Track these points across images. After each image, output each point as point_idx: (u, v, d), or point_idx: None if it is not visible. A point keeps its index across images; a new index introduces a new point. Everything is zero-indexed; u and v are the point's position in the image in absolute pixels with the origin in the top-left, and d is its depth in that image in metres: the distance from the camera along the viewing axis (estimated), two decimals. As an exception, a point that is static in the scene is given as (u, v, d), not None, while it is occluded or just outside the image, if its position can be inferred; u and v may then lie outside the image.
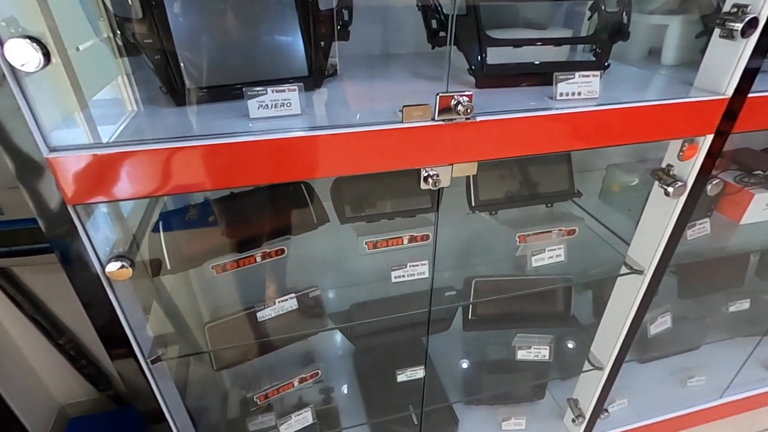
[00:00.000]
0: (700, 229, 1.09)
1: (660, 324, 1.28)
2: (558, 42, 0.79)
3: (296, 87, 0.64)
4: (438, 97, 0.62)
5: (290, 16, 0.72)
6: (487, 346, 1.42)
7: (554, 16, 0.95)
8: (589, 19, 0.83)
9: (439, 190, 1.06)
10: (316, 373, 1.15)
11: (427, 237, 1.06)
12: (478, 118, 0.65)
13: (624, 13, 0.82)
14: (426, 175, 0.68)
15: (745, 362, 1.44)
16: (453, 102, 0.62)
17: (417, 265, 0.94)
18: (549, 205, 1.18)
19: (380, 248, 1.04)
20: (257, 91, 0.62)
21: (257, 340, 1.00)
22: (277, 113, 0.64)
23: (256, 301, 0.97)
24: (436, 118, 0.63)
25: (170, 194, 0.60)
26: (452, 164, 0.68)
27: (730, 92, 0.74)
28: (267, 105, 0.63)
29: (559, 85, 0.71)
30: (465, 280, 1.12)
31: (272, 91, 0.63)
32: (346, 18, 0.77)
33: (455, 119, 0.63)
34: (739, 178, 1.17)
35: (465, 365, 1.40)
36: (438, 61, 0.97)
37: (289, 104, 0.64)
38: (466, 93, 0.62)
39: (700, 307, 1.42)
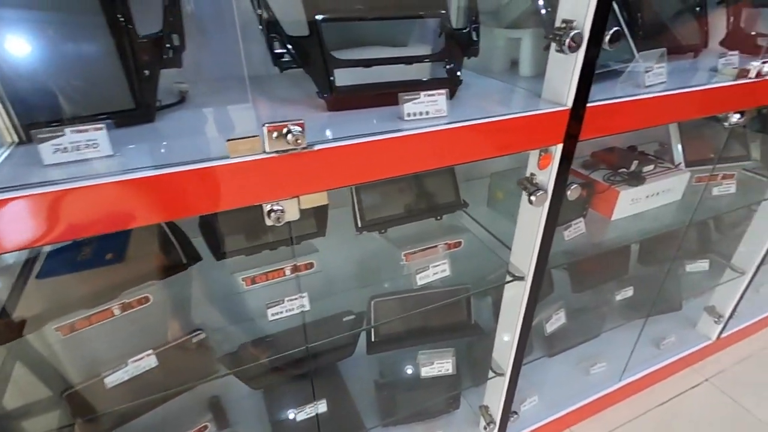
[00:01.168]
0: (575, 229, 1.14)
1: (555, 321, 1.33)
2: (408, 61, 0.78)
3: (103, 125, 0.56)
4: (265, 127, 0.57)
5: (105, 46, 0.64)
6: (398, 364, 1.39)
7: (416, 32, 0.95)
8: (439, 36, 0.83)
9: (321, 213, 1.03)
10: (205, 427, 1.04)
11: (312, 265, 1.01)
12: (317, 147, 0.61)
13: (472, 30, 0.83)
14: (269, 209, 0.63)
15: (636, 343, 1.54)
16: (285, 131, 0.58)
17: (295, 299, 0.88)
18: (438, 218, 1.18)
19: (261, 282, 0.97)
20: (50, 133, 0.54)
21: (126, 404, 0.89)
22: (79, 157, 0.55)
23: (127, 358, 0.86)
24: (268, 150, 0.58)
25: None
26: (297, 196, 0.64)
27: (570, 103, 0.77)
28: (66, 148, 0.55)
29: (405, 105, 0.69)
30: (367, 301, 1.09)
31: (71, 132, 0.54)
32: (176, 43, 0.70)
33: (290, 150, 0.59)
34: (607, 177, 1.25)
35: (378, 388, 1.37)
36: (304, 82, 0.93)
37: (96, 145, 0.56)
38: (298, 121, 0.58)
39: (595, 298, 1.51)
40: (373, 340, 1.21)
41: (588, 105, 0.79)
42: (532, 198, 0.86)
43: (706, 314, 1.72)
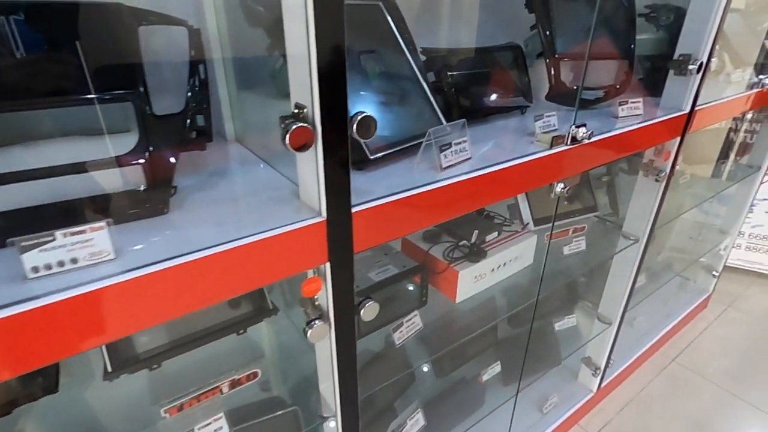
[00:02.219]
0: (409, 327, 0.94)
1: (414, 425, 1.12)
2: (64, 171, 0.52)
3: None
4: None
5: None
6: None
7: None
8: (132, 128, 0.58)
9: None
10: None
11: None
12: None
13: (193, 114, 0.60)
14: None
15: (512, 419, 1.39)
16: None
17: None
18: (240, 332, 0.92)
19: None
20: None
21: None
22: None
23: None
24: None
25: None
26: None
27: (324, 213, 0.56)
28: None
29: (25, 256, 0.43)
30: None
31: None
32: None
33: None
34: (447, 252, 1.09)
35: None
36: None
37: None
38: None
39: (462, 381, 1.33)
40: None
41: (355, 210, 0.59)
42: (309, 332, 0.63)
43: (584, 366, 1.64)
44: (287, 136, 0.49)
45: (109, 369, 0.77)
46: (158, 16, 0.57)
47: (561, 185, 0.90)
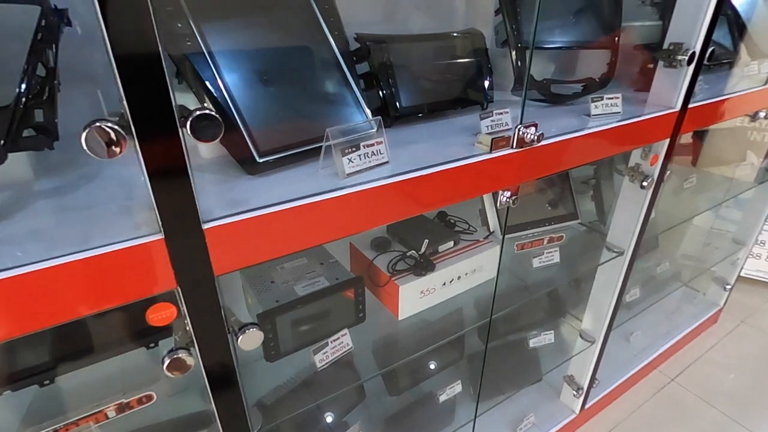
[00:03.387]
0: (335, 348, 0.85)
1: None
2: None
3: None
4: None
5: None
6: None
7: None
8: None
9: None
10: None
11: None
12: None
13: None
14: None
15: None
16: None
17: None
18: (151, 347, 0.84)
19: None
20: None
21: None
22: None
23: None
24: None
25: None
26: None
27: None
28: None
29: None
30: None
31: None
32: None
33: None
34: (392, 264, 0.98)
35: None
36: None
37: None
38: None
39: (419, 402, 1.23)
40: None
41: (209, 227, 0.49)
42: (166, 362, 0.54)
43: (566, 384, 1.51)
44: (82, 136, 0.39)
45: (-12, 385, 0.71)
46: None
47: (507, 194, 0.78)
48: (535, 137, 0.73)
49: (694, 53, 0.91)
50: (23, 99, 0.50)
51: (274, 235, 0.54)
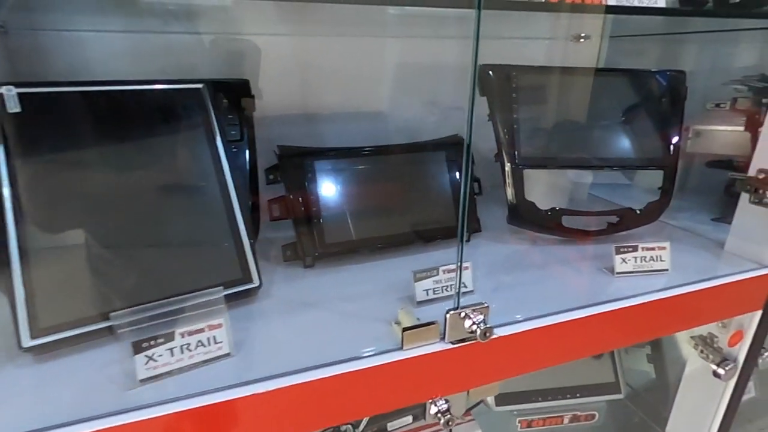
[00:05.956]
0: None
1: None
2: None
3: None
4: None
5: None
6: None
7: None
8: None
9: None
10: None
11: None
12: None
13: None
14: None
15: None
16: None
17: None
18: None
19: None
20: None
21: None
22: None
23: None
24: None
25: None
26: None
27: None
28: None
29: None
30: None
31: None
32: None
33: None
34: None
35: None
36: None
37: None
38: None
39: None
40: None
41: None
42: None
43: None
44: None
45: None
46: None
47: (441, 402, 0.49)
48: (480, 329, 0.45)
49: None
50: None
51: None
